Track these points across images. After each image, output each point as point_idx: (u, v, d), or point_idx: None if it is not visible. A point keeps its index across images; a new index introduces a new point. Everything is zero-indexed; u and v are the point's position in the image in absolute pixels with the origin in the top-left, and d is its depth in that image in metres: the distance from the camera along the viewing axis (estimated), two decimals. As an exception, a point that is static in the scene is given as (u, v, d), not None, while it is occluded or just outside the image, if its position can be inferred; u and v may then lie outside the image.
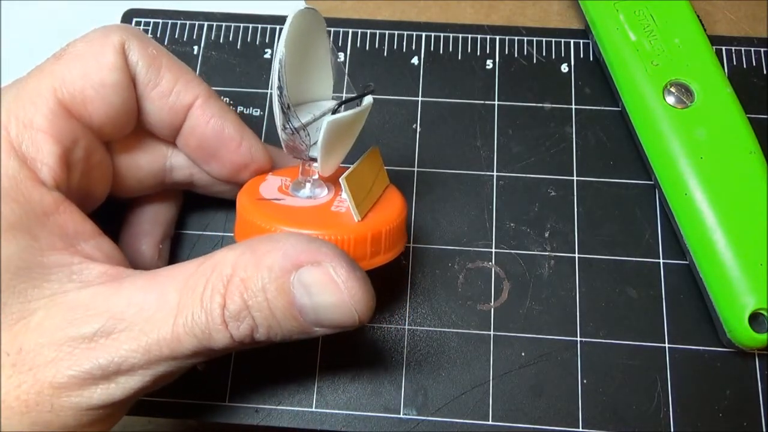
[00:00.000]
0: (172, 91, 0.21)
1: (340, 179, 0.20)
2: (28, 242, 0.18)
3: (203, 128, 0.22)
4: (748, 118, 0.26)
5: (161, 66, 0.21)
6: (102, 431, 0.19)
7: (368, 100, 0.21)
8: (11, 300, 0.17)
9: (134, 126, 0.22)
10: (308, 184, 0.22)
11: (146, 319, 0.17)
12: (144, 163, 0.23)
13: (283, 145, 0.21)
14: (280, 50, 0.19)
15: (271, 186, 0.23)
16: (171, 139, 0.23)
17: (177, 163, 0.24)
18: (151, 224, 0.25)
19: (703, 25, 0.28)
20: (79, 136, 0.20)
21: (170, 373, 0.18)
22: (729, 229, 0.24)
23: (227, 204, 0.28)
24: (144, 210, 0.25)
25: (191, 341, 0.17)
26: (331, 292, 0.17)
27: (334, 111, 0.20)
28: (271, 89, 0.20)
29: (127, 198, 0.24)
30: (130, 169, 0.23)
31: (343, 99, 0.21)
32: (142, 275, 0.18)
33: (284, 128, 0.20)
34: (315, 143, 0.21)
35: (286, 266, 0.17)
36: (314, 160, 0.21)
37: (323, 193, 0.22)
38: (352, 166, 0.21)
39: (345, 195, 0.20)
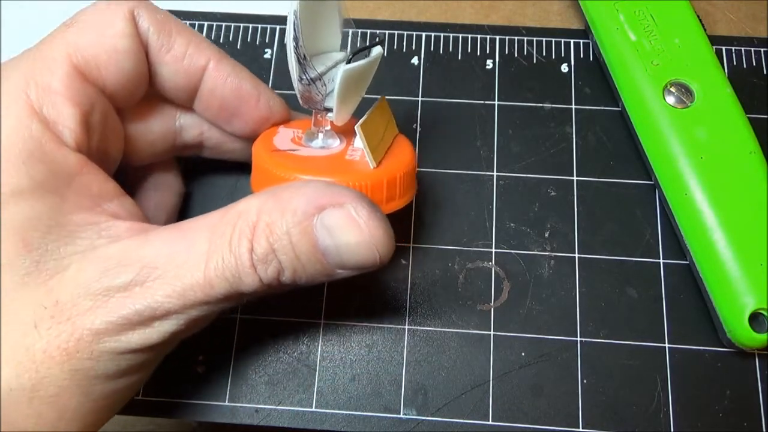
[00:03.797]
0: (186, 54, 0.22)
1: (356, 126, 0.20)
2: (56, 202, 0.18)
3: (222, 89, 0.22)
4: (748, 118, 0.26)
5: (172, 30, 0.22)
6: (138, 380, 0.19)
7: (378, 50, 0.21)
8: (45, 257, 0.18)
9: (144, 93, 0.23)
10: (321, 135, 0.23)
11: (178, 266, 0.17)
12: (154, 126, 0.24)
13: (298, 96, 0.22)
14: (294, 2, 0.19)
15: (283, 138, 0.23)
16: (188, 104, 0.23)
17: (186, 123, 0.24)
18: (152, 212, 0.25)
19: (703, 25, 0.28)
20: (95, 101, 0.20)
21: (203, 318, 0.19)
22: (729, 229, 0.24)
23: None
24: (146, 196, 0.26)
25: (223, 285, 0.17)
26: (353, 232, 0.17)
27: (349, 61, 0.21)
28: (287, 41, 0.20)
29: (138, 164, 0.24)
30: (139, 132, 0.23)
31: (356, 49, 0.21)
32: (167, 228, 0.19)
33: (300, 79, 0.21)
34: (329, 93, 0.21)
35: (308, 210, 0.17)
36: (329, 110, 0.21)
37: (335, 144, 0.23)
38: (364, 115, 0.21)
39: (360, 142, 0.21)
